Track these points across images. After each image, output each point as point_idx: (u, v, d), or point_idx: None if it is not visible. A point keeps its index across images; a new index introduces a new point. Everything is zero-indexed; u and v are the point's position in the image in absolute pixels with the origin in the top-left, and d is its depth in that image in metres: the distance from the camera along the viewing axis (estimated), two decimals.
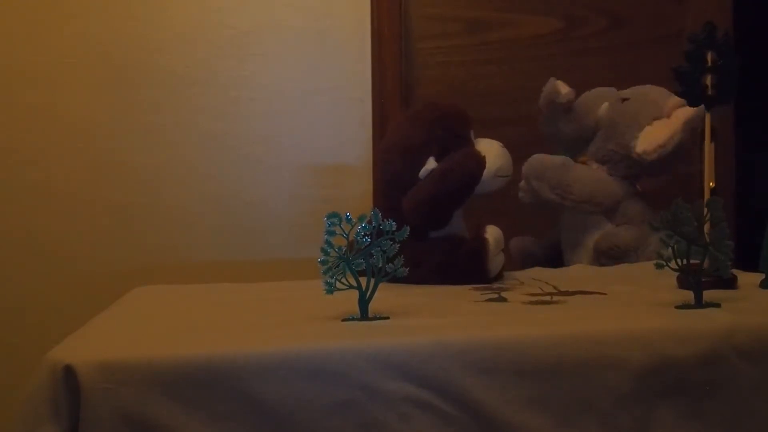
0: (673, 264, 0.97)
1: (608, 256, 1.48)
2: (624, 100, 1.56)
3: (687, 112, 1.47)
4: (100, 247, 1.81)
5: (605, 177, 1.55)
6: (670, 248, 0.97)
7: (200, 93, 1.83)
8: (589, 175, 1.54)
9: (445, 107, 1.36)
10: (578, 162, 1.57)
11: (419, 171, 1.29)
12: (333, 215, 0.91)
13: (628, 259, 1.47)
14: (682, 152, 1.49)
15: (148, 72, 1.81)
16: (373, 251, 0.92)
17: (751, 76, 1.34)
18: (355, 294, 0.94)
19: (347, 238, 0.92)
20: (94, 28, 1.80)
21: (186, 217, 1.83)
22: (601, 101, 1.59)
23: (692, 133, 1.47)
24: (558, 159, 1.54)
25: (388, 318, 0.95)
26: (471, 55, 1.99)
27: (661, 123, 1.50)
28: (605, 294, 1.12)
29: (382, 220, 0.92)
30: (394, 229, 0.93)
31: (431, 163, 1.29)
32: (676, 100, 1.49)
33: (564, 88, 1.57)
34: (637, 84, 1.92)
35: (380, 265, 0.93)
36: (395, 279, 0.94)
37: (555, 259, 1.60)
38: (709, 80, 1.16)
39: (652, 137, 1.48)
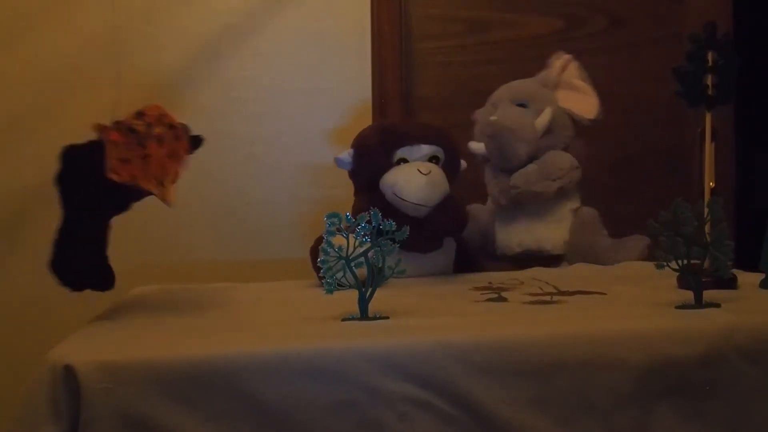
0: (673, 264, 0.97)
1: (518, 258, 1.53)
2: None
3: (575, 72, 1.57)
4: None
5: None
6: (667, 248, 0.97)
7: (200, 93, 1.83)
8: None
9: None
10: None
11: None
12: (333, 215, 0.91)
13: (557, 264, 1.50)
14: None
15: (148, 72, 1.81)
16: (373, 251, 0.92)
17: (751, 76, 1.34)
18: (355, 294, 0.94)
19: (347, 238, 0.92)
20: (94, 28, 1.79)
21: (186, 217, 1.83)
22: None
23: None
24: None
25: (388, 318, 0.95)
26: (471, 55, 1.99)
27: (570, 90, 1.57)
28: (605, 294, 1.12)
29: (382, 220, 0.92)
30: (394, 229, 0.93)
31: None
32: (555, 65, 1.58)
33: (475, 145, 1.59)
34: (637, 84, 1.93)
35: (380, 265, 0.93)
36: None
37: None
38: (709, 80, 1.16)
39: (589, 103, 1.55)
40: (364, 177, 1.42)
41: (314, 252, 1.30)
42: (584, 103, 1.56)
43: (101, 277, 1.11)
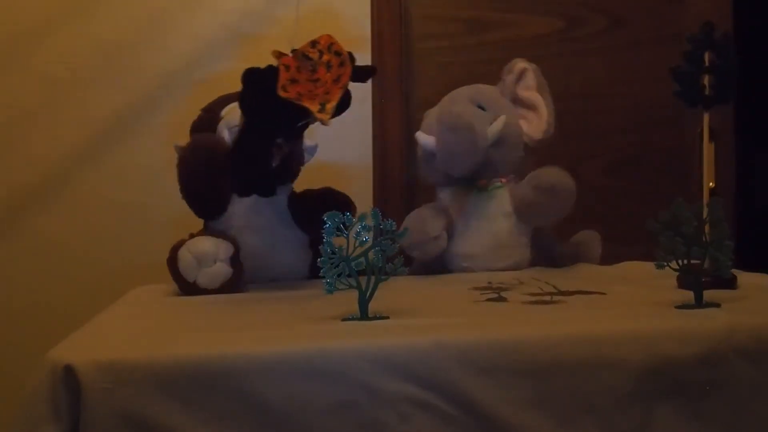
0: (673, 264, 0.97)
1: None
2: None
3: (531, 83, 1.50)
4: (100, 247, 1.81)
5: None
6: (667, 248, 0.97)
7: (200, 93, 1.82)
8: None
9: None
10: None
11: None
12: (333, 215, 0.91)
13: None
14: None
15: (148, 72, 1.81)
16: (373, 251, 0.92)
17: (751, 76, 1.34)
18: (355, 294, 0.94)
19: (347, 238, 0.92)
20: (95, 28, 1.80)
21: (187, 217, 1.83)
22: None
23: None
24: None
25: (388, 318, 0.95)
26: (471, 55, 1.99)
27: (522, 106, 1.48)
28: (605, 294, 1.12)
29: (382, 220, 0.92)
30: (394, 228, 0.93)
31: None
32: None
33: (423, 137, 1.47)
34: (637, 84, 1.91)
35: (380, 265, 0.93)
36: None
37: None
38: (707, 80, 1.16)
39: (539, 122, 1.46)
40: None
41: (173, 262, 1.28)
42: (534, 120, 1.46)
43: (265, 185, 1.28)
